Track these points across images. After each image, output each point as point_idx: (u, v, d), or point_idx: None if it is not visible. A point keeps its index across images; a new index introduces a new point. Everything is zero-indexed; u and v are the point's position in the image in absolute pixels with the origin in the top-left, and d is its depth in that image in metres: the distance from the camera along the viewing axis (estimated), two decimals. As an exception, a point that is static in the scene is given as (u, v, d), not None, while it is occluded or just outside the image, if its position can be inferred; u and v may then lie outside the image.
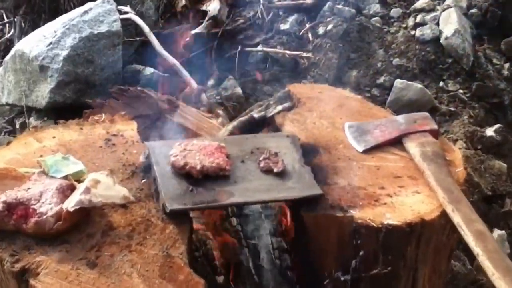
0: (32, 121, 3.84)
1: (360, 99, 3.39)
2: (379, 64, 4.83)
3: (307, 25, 4.64)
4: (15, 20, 4.48)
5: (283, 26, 4.63)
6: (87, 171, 2.33)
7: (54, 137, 2.51)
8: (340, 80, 4.25)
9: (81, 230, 1.94)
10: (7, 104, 4.11)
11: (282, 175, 2.30)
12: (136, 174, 2.34)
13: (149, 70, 4.08)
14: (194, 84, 3.96)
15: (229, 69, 4.29)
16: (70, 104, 3.79)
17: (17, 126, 4.02)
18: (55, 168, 2.18)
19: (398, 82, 4.47)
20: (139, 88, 3.22)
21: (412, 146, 2.45)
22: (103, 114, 2.86)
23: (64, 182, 2.08)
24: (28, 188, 2.05)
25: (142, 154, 2.41)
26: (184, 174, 2.33)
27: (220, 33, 4.26)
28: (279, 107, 3.17)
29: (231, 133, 3.13)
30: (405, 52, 4.86)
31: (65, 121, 2.63)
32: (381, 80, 4.59)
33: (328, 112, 3.07)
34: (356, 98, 3.40)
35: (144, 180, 2.28)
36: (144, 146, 2.52)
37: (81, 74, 3.65)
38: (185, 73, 4.02)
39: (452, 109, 4.29)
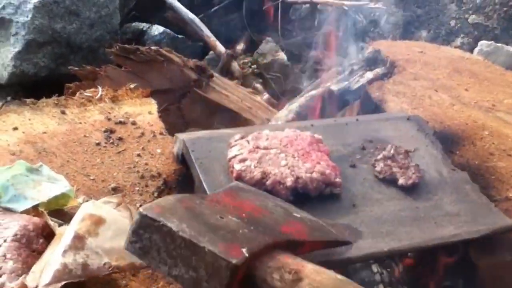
0: (-10, 102, 2.67)
1: (483, 61, 2.33)
2: (452, 23, 3.89)
3: (360, -29, 3.59)
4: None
5: (330, -27, 3.55)
6: (75, 194, 1.20)
7: (16, 128, 1.58)
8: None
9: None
10: (-44, 79, 2.92)
11: (417, 189, 1.42)
12: (165, 193, 1.40)
13: (157, 29, 2.92)
14: (221, 48, 2.80)
15: (265, 28, 3.15)
16: (46, 77, 2.61)
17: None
18: (13, 191, 1.20)
19: (484, 45, 3.51)
20: (154, 48, 2.05)
21: None
22: (99, 88, 1.70)
23: (30, 222, 1.14)
24: None
25: (174, 156, 1.50)
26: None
27: (252, -22, 3.11)
28: (369, 74, 2.06)
29: (297, 114, 2.01)
30: (482, 7, 3.94)
31: (35, 100, 1.71)
32: (457, 42, 3.61)
33: (443, 80, 2.09)
34: (476, 60, 2.36)
35: (183, 204, 1.39)
36: (176, 142, 1.37)
37: (60, 32, 2.52)
38: (208, 32, 2.86)
39: (555, 80, 3.29)
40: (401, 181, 1.42)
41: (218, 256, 0.82)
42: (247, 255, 0.84)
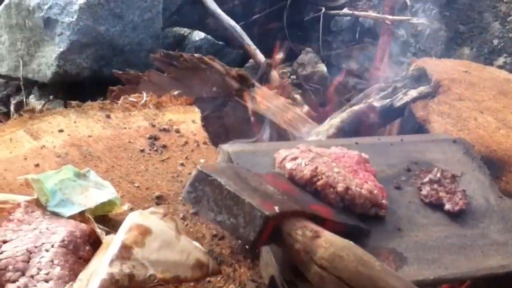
0: (33, 100, 2.70)
1: (529, 85, 2.27)
2: (495, 41, 3.79)
3: (403, -15, 3.55)
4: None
5: (373, -15, 3.54)
6: (121, 201, 1.20)
7: (61, 130, 1.58)
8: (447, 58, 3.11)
9: None
10: (-1, 75, 2.97)
11: (463, 215, 1.38)
12: None
13: (198, 35, 2.93)
14: (261, 57, 2.80)
15: (305, 38, 3.13)
16: (88, 77, 2.63)
17: (12, 107, 2.86)
18: (60, 196, 1.20)
19: (527, 65, 3.39)
20: (197, 55, 2.05)
21: None
22: (144, 93, 1.71)
23: (77, 228, 1.14)
24: (3, 241, 1.08)
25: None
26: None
27: (294, -13, 3.10)
28: (413, 93, 2.03)
29: (340, 130, 1.99)
30: (525, 27, 3.82)
31: (80, 103, 1.72)
32: (499, 62, 3.53)
33: (489, 102, 2.05)
34: (521, 83, 2.28)
35: (225, 218, 1.39)
36: (219, 153, 1.46)
37: (104, 34, 2.53)
38: (248, 41, 2.86)
39: None
40: (447, 206, 1.38)
41: (255, 207, 0.99)
42: (278, 211, 1.02)
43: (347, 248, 1.00)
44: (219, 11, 3.04)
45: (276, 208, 1.02)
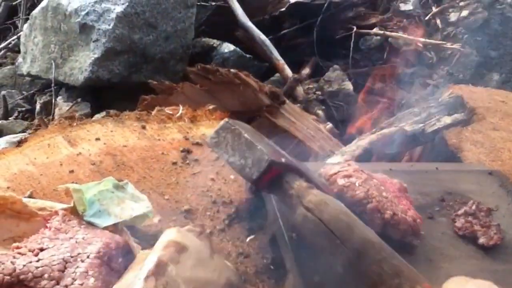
0: (60, 101, 2.72)
1: None
2: (526, 68, 3.73)
3: (434, 8, 3.50)
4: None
5: (404, 7, 3.54)
6: (153, 214, 1.20)
7: (98, 139, 1.60)
8: (476, 84, 3.07)
9: None
10: (29, 75, 2.97)
11: (496, 250, 1.37)
12: (235, 222, 1.39)
13: (227, 47, 2.93)
14: (288, 72, 2.80)
15: (333, 55, 3.12)
16: (117, 83, 2.65)
17: (37, 106, 2.88)
18: (97, 206, 1.20)
19: (558, 95, 3.32)
20: (233, 70, 2.06)
21: None
22: (180, 106, 1.72)
23: (112, 240, 1.14)
24: (40, 248, 1.08)
25: (247, 184, 1.48)
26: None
27: (326, 5, 3.08)
28: (447, 120, 2.01)
29: (366, 151, 1.98)
30: (558, 57, 3.77)
31: (118, 112, 1.74)
32: None
33: None
34: (559, 115, 2.26)
35: (252, 236, 1.35)
36: None
37: (137, 43, 2.54)
38: (277, 55, 2.86)
39: None
40: (481, 240, 1.36)
41: (264, 153, 1.10)
42: (283, 161, 1.13)
43: (336, 202, 1.08)
44: (249, 23, 3.04)
45: (283, 159, 1.12)
